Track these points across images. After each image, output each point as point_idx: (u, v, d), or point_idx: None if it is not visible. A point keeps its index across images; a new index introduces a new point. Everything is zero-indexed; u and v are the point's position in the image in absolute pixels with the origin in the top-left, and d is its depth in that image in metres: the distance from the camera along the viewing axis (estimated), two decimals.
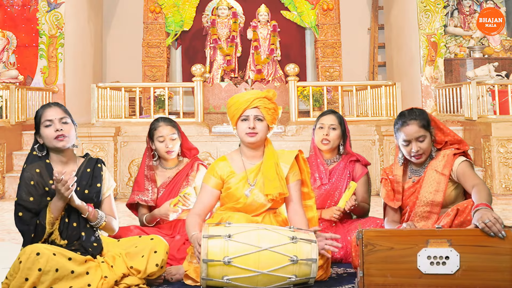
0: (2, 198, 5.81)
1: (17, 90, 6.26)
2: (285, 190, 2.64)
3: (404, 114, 2.80)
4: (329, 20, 8.59)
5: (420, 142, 2.74)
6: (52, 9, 7.54)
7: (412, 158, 2.77)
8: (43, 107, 2.60)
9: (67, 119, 2.57)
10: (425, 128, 2.76)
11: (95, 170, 2.64)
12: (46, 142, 2.55)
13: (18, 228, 2.50)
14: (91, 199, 2.59)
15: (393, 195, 2.85)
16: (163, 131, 3.17)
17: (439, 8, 7.59)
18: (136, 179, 3.25)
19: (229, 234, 2.38)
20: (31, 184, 2.48)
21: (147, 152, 3.25)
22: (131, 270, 2.51)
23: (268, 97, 2.70)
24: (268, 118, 2.68)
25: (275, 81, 8.07)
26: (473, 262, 2.26)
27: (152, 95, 6.59)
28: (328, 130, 3.30)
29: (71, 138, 2.57)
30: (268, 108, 2.68)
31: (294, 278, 2.39)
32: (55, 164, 2.57)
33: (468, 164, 2.71)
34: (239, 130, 2.69)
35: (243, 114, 2.67)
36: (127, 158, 5.95)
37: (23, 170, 2.54)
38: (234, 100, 2.71)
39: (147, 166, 3.22)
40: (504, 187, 5.64)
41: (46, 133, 2.53)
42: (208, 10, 8.85)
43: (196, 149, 3.34)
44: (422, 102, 7.48)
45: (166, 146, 3.15)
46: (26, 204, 2.46)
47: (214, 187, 2.71)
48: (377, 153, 5.96)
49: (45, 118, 2.54)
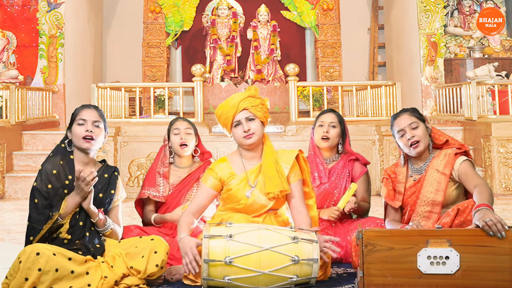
0: (2, 198, 5.81)
1: (17, 90, 6.25)
2: (286, 187, 2.63)
3: (396, 113, 2.92)
4: (329, 20, 8.59)
5: (413, 129, 2.76)
6: (52, 9, 7.55)
7: (411, 149, 2.77)
8: (82, 106, 2.70)
9: (100, 123, 2.65)
10: (417, 117, 2.80)
11: (112, 177, 2.71)
12: (74, 139, 2.63)
13: (31, 215, 2.53)
14: (103, 204, 2.65)
15: (393, 194, 2.86)
16: (179, 125, 3.26)
17: (439, 8, 7.59)
18: (147, 175, 3.26)
19: (230, 234, 2.38)
20: (53, 173, 2.57)
21: (162, 149, 3.29)
22: (131, 270, 2.51)
23: (252, 95, 2.70)
24: (259, 115, 2.67)
25: (275, 81, 8.07)
26: (473, 262, 2.26)
27: (152, 95, 6.60)
28: (328, 127, 3.30)
29: (98, 142, 2.65)
30: (255, 106, 2.67)
31: (295, 278, 2.38)
32: (77, 162, 2.64)
33: (469, 164, 2.71)
34: (236, 136, 2.69)
35: (234, 120, 2.67)
36: (127, 158, 5.95)
37: (48, 158, 2.63)
38: (221, 110, 2.71)
39: (161, 162, 3.25)
40: (504, 187, 5.64)
41: (77, 130, 2.62)
42: (208, 10, 8.85)
43: (209, 153, 3.38)
44: (422, 102, 7.49)
45: (180, 139, 3.20)
46: (43, 192, 2.53)
47: (212, 188, 2.71)
48: (377, 153, 5.96)
49: (80, 117, 2.64)
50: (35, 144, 6.35)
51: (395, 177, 2.88)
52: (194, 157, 3.31)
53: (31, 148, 6.33)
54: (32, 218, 2.53)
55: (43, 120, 7.00)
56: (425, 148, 2.79)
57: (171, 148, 3.27)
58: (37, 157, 6.03)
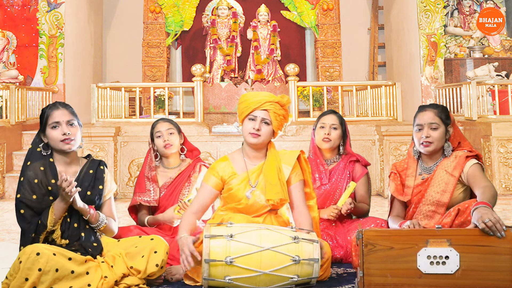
0: (2, 198, 5.81)
1: (17, 90, 6.26)
2: (286, 196, 2.64)
3: (426, 104, 2.85)
4: (329, 20, 8.59)
5: (432, 130, 2.73)
6: (52, 9, 7.54)
7: (421, 146, 2.75)
8: (50, 107, 2.58)
9: (74, 121, 2.57)
10: (441, 119, 2.75)
11: (98, 172, 2.65)
12: (52, 143, 2.56)
13: (20, 225, 2.51)
14: (92, 201, 2.61)
15: (402, 189, 2.84)
16: (160, 127, 3.23)
17: (439, 8, 7.59)
18: (137, 181, 3.26)
19: (231, 234, 2.38)
20: (35, 182, 2.49)
21: (149, 154, 3.27)
22: (131, 270, 2.50)
23: (281, 102, 2.67)
24: (275, 124, 2.65)
25: (275, 81, 8.08)
26: (473, 262, 2.26)
27: (152, 95, 6.59)
28: (329, 129, 3.29)
29: (77, 140, 2.57)
30: (277, 114, 2.65)
31: (296, 278, 2.38)
32: (58, 164, 2.58)
33: (479, 167, 2.69)
34: (244, 128, 2.68)
35: (251, 114, 2.65)
36: (127, 158, 5.96)
37: (25, 167, 2.53)
38: (245, 98, 2.69)
39: (149, 166, 3.23)
40: (504, 187, 5.64)
41: (53, 134, 2.53)
42: (208, 10, 8.85)
43: (197, 149, 3.36)
44: (422, 102, 7.48)
45: (163, 140, 3.18)
46: (28, 202, 2.47)
47: (214, 187, 2.71)
48: (377, 153, 5.95)
49: (52, 120, 2.54)
50: None
51: (404, 171, 2.87)
52: (181, 155, 3.29)
53: None
54: (22, 229, 2.50)
55: None
56: (436, 149, 2.76)
57: (157, 151, 3.26)
58: None
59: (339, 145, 3.36)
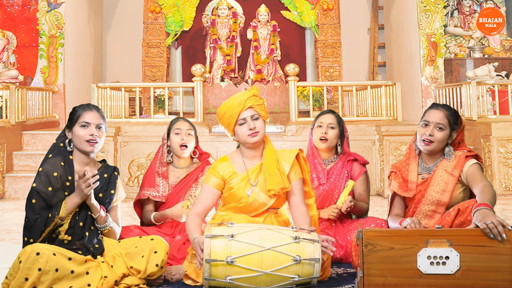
0: (2, 198, 5.81)
1: (17, 90, 6.25)
2: (287, 184, 2.64)
3: (439, 103, 2.86)
4: (329, 20, 8.59)
5: (437, 130, 2.73)
6: (52, 9, 7.54)
7: (421, 143, 2.76)
8: (83, 107, 2.65)
9: (102, 126, 2.64)
10: (449, 122, 2.75)
11: (112, 177, 2.71)
12: (76, 141, 2.61)
13: (27, 214, 2.52)
14: (103, 204, 2.65)
15: (405, 185, 2.83)
16: (181, 125, 3.24)
17: (439, 8, 7.59)
18: (145, 175, 3.25)
19: (232, 234, 2.38)
20: (54, 175, 2.55)
21: (161, 149, 3.27)
22: (131, 270, 2.51)
23: (256, 94, 2.72)
24: (263, 114, 2.70)
25: (275, 81, 8.08)
26: (473, 262, 2.26)
27: (152, 95, 6.60)
28: (326, 128, 3.29)
29: (100, 144, 2.64)
30: (259, 104, 2.70)
31: (297, 278, 2.39)
32: (76, 162, 2.63)
33: (478, 167, 2.69)
34: (240, 134, 2.68)
35: (240, 118, 2.66)
36: (127, 158, 5.96)
37: (46, 159, 2.59)
38: (225, 108, 2.70)
39: (160, 161, 3.23)
40: (504, 187, 5.64)
41: (80, 133, 2.59)
42: (208, 10, 8.85)
43: (207, 153, 3.38)
44: (422, 102, 7.49)
45: (181, 139, 3.18)
46: (42, 194, 2.51)
47: (215, 187, 2.71)
48: (377, 153, 5.95)
49: (83, 119, 2.60)
50: (35, 144, 6.35)
51: (405, 167, 2.86)
52: (193, 158, 3.30)
53: (31, 148, 6.33)
54: (28, 219, 2.51)
55: (43, 120, 7.00)
56: (435, 150, 2.77)
57: (170, 147, 3.25)
58: (37, 157, 6.03)
59: (336, 145, 3.35)
